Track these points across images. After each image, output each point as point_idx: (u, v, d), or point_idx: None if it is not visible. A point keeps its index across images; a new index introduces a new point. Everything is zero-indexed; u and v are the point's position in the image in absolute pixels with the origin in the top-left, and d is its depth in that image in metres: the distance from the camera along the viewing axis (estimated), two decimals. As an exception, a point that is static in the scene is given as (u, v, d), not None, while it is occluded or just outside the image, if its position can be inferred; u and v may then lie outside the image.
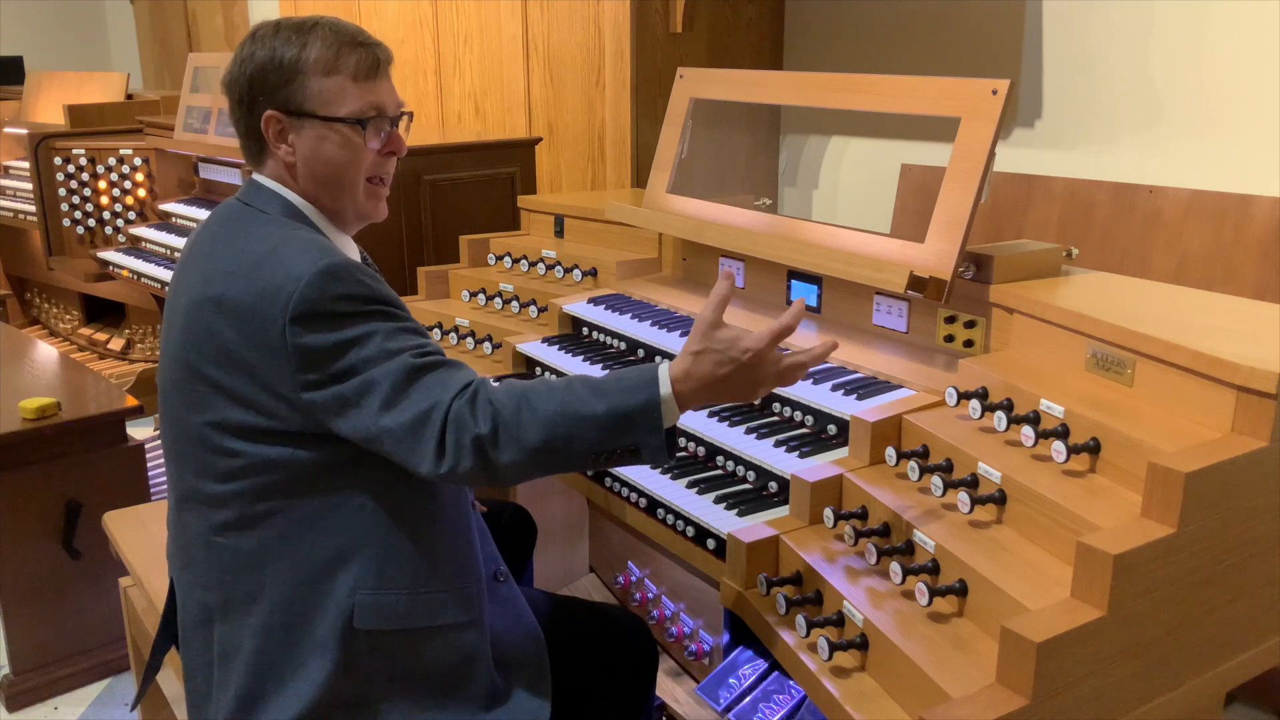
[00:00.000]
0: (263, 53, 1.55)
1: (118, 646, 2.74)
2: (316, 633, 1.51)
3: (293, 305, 1.40)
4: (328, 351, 1.41)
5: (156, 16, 6.96)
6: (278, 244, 1.47)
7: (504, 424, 1.39)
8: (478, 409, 1.40)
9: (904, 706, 1.36)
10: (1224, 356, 1.41)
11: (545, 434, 1.40)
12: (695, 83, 2.55)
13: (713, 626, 2.31)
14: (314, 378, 1.41)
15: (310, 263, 1.42)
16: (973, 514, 1.54)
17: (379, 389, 1.40)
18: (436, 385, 1.41)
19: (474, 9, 4.03)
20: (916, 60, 3.49)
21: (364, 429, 1.42)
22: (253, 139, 1.59)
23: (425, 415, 1.39)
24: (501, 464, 1.40)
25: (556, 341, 2.47)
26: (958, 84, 1.95)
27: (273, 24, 1.59)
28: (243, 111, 1.58)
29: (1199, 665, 1.41)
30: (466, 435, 1.39)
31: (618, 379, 1.44)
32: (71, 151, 4.39)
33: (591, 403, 1.41)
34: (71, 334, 4.99)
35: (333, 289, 1.41)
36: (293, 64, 1.54)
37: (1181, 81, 2.92)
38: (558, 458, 1.43)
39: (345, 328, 1.41)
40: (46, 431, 2.59)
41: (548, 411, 1.40)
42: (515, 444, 1.40)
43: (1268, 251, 2.49)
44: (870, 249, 2.03)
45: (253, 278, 1.44)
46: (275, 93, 1.55)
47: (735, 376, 1.42)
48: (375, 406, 1.40)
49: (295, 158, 1.57)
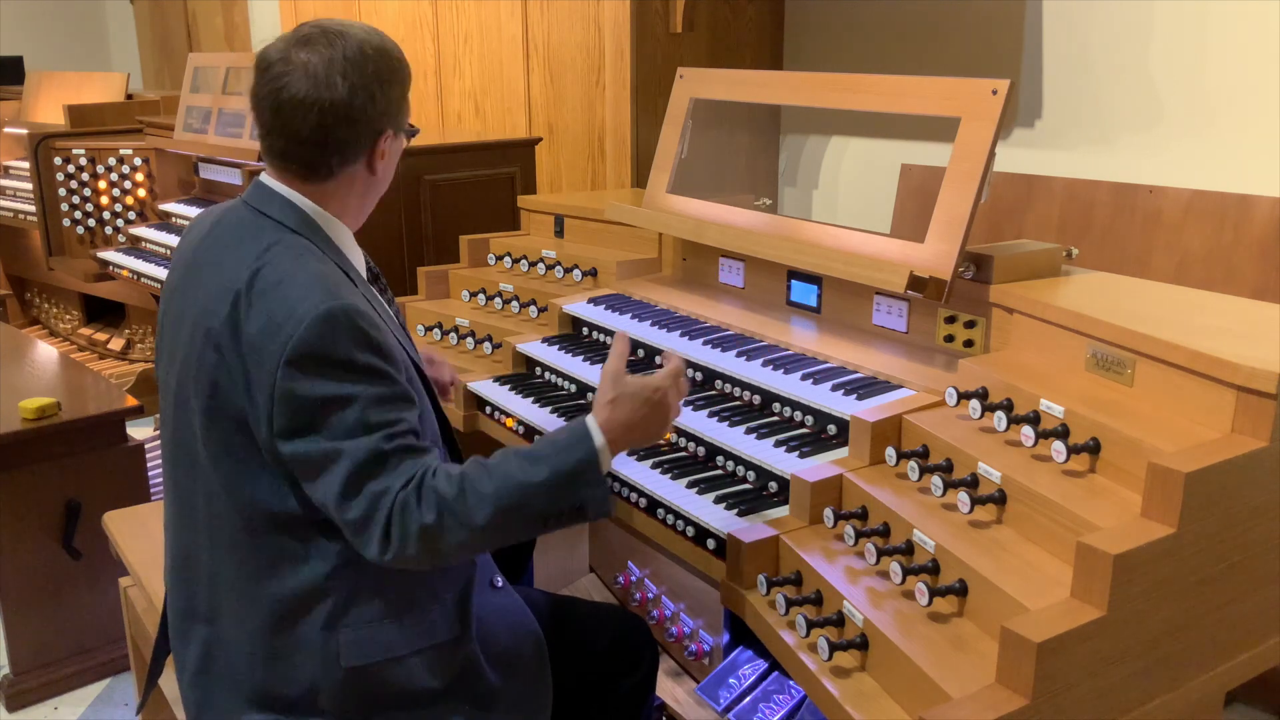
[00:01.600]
0: (378, 68, 1.51)
1: (118, 646, 2.74)
2: (301, 673, 1.52)
3: (290, 348, 1.39)
4: (310, 404, 1.40)
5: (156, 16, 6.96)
6: (287, 274, 1.45)
7: (448, 510, 1.41)
8: (423, 498, 1.41)
9: (904, 706, 1.36)
10: (1224, 356, 1.41)
11: (491, 511, 1.43)
12: (695, 83, 2.55)
13: (713, 626, 2.31)
14: (289, 425, 1.41)
15: (313, 305, 1.41)
16: (973, 514, 1.54)
17: (341, 468, 1.40)
18: (392, 475, 1.41)
19: (474, 9, 4.03)
20: (916, 60, 3.49)
21: (319, 499, 1.43)
22: (340, 154, 1.53)
23: (374, 505, 1.40)
24: (450, 547, 1.43)
25: (556, 341, 2.47)
26: (958, 84, 1.95)
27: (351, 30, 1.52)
28: (346, 129, 1.51)
29: (1199, 665, 1.41)
30: (412, 524, 1.40)
31: (550, 442, 1.50)
32: (71, 151, 4.39)
33: (531, 471, 1.45)
34: (71, 334, 4.99)
35: (331, 337, 1.40)
36: (407, 79, 1.57)
37: (1181, 81, 2.91)
38: (506, 531, 1.47)
39: (333, 382, 1.40)
40: (46, 431, 2.59)
41: (489, 490, 1.43)
42: (462, 527, 1.42)
43: (1268, 251, 2.49)
44: (870, 249, 2.03)
45: (259, 308, 1.43)
46: (396, 109, 1.56)
47: (651, 415, 1.53)
48: (334, 486, 1.41)
49: (382, 173, 1.60)
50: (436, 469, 1.43)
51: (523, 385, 2.38)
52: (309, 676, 1.51)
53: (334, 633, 1.50)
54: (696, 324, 2.30)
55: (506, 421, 2.29)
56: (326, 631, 1.50)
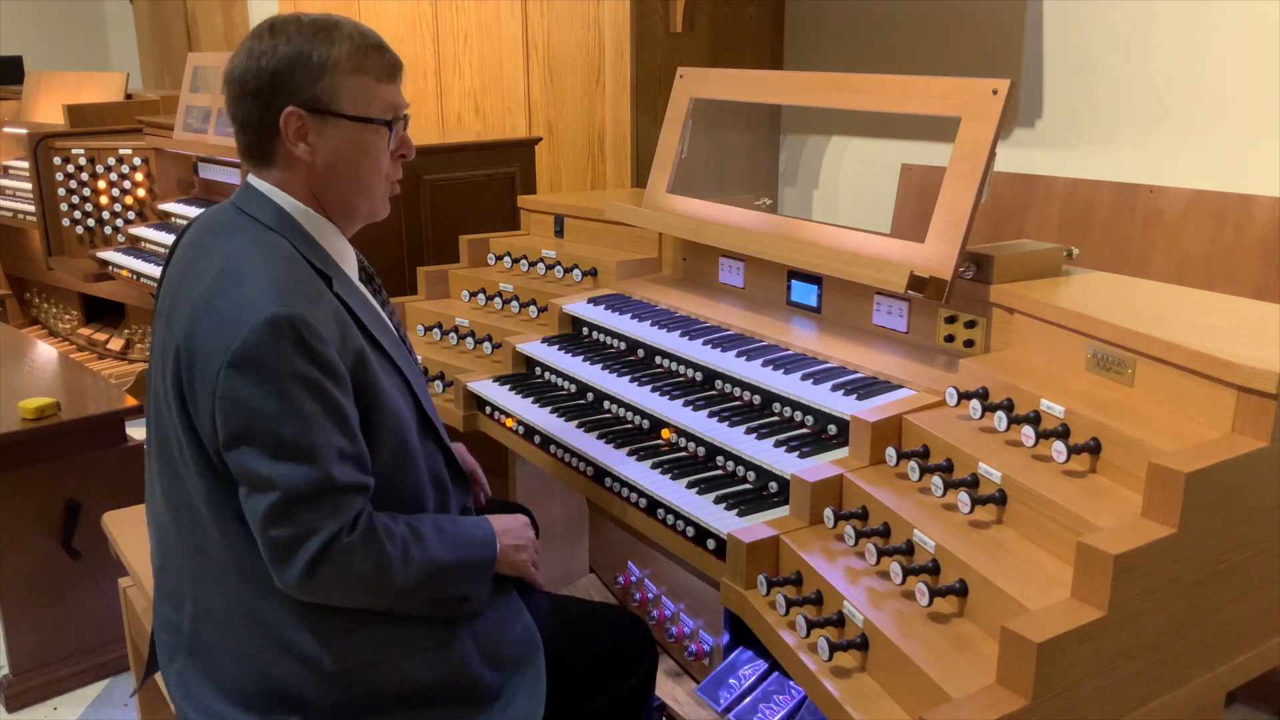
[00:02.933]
0: (287, 47, 1.51)
1: (117, 646, 2.74)
2: (288, 675, 1.52)
3: (233, 350, 1.40)
4: (247, 411, 1.40)
5: (156, 16, 6.96)
6: (244, 276, 1.46)
7: (385, 566, 1.47)
8: (366, 549, 1.45)
9: (904, 707, 1.35)
10: (1224, 356, 1.41)
11: (413, 580, 1.50)
12: (695, 83, 2.55)
13: (713, 627, 2.31)
14: (227, 431, 1.42)
15: (261, 309, 1.40)
16: (973, 514, 1.53)
17: (274, 494, 1.41)
18: (326, 513, 1.42)
19: (474, 9, 4.03)
20: (916, 60, 3.49)
21: (248, 514, 1.44)
22: (264, 136, 1.55)
23: (305, 535, 1.41)
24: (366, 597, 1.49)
25: (556, 341, 2.47)
26: (958, 84, 1.95)
27: (293, 19, 1.54)
28: (256, 106, 1.53)
29: (1200, 665, 1.41)
30: (350, 571, 1.44)
31: (464, 531, 1.60)
32: (71, 151, 4.39)
33: (446, 552, 1.55)
34: (71, 334, 4.99)
35: (274, 344, 1.40)
36: (322, 61, 1.51)
37: (1182, 81, 2.91)
38: (409, 600, 1.52)
39: (271, 393, 1.40)
40: (46, 431, 2.59)
41: (417, 559, 1.51)
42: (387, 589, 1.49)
43: (1268, 251, 2.48)
44: (870, 249, 2.02)
45: (217, 307, 1.44)
46: (301, 89, 1.51)
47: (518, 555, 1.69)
48: (262, 508, 1.41)
49: (314, 157, 1.55)
50: (371, 515, 1.47)
51: (523, 385, 2.38)
52: (296, 678, 1.51)
53: (322, 635, 1.51)
54: (696, 324, 2.30)
55: (506, 421, 2.29)
56: (313, 633, 1.50)
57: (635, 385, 2.16)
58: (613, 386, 2.18)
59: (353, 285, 1.62)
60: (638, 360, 2.31)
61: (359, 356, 1.51)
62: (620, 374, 2.23)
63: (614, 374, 2.23)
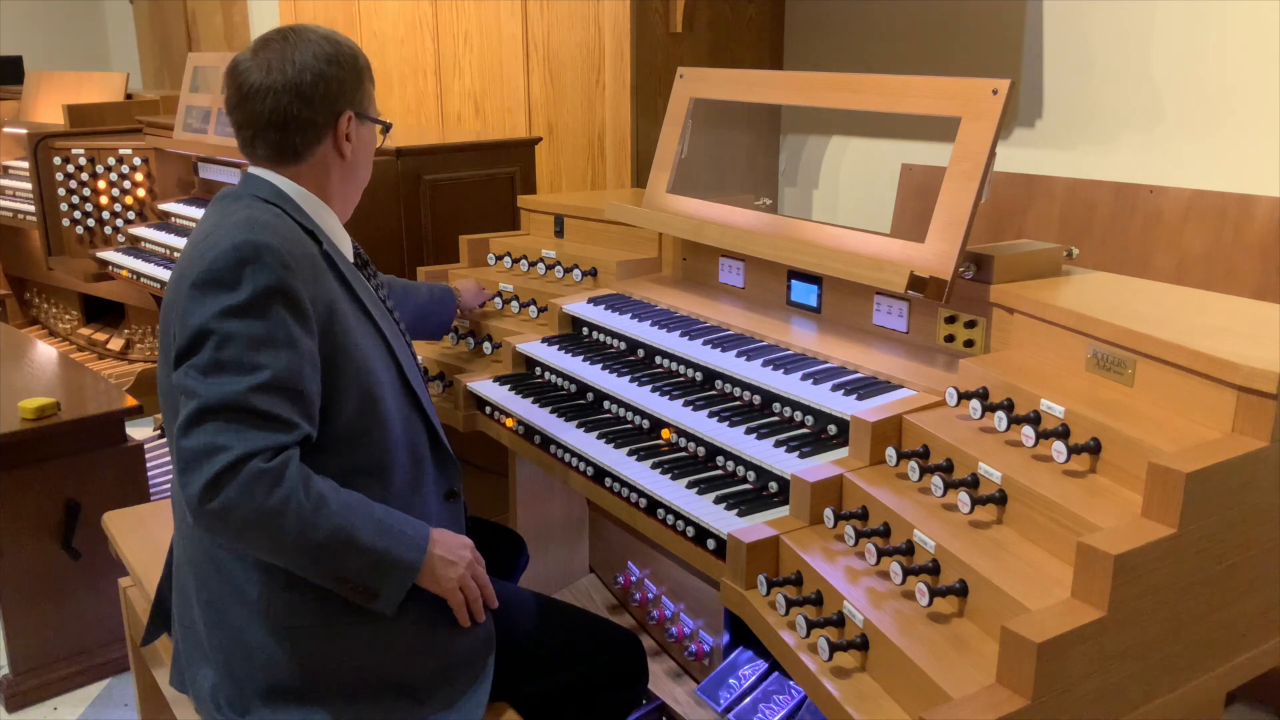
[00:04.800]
0: (341, 56, 1.62)
1: (118, 646, 2.74)
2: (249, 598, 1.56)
3: (199, 273, 1.45)
4: (196, 328, 1.44)
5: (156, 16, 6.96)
6: (216, 226, 1.53)
7: (296, 508, 1.42)
8: (280, 483, 1.41)
9: (904, 707, 1.35)
10: (1224, 356, 1.41)
11: (322, 539, 1.45)
12: (695, 83, 2.55)
13: (713, 627, 2.31)
14: (178, 350, 1.45)
15: (229, 238, 1.46)
16: (973, 514, 1.53)
17: (195, 402, 1.41)
18: (244, 434, 1.41)
19: (474, 9, 4.03)
20: (916, 60, 3.49)
21: (178, 416, 1.43)
22: (311, 136, 1.63)
23: (213, 449, 1.39)
24: (266, 538, 1.44)
25: (556, 341, 2.47)
26: (958, 84, 1.95)
27: (308, 28, 1.64)
28: (305, 108, 1.60)
29: (1200, 665, 1.41)
30: (255, 498, 1.40)
31: (400, 525, 1.54)
32: (71, 151, 4.39)
33: (370, 535, 1.49)
34: (71, 334, 4.99)
35: (235, 264, 1.44)
36: (364, 66, 1.67)
37: (1182, 81, 2.91)
38: (312, 560, 1.48)
39: (223, 312, 1.43)
40: (46, 431, 2.59)
41: (334, 521, 1.46)
42: (293, 533, 1.43)
43: (1268, 251, 2.48)
44: (870, 249, 2.02)
45: (185, 260, 1.51)
46: (353, 94, 1.65)
47: (450, 566, 1.60)
48: (182, 416, 1.42)
49: (352, 157, 1.67)
50: (295, 458, 1.44)
51: (522, 385, 2.38)
52: (253, 637, 1.55)
53: (267, 585, 1.54)
54: (696, 324, 2.30)
55: (506, 421, 2.29)
56: (261, 583, 1.55)
57: (635, 385, 2.16)
58: (613, 386, 2.18)
59: (342, 255, 1.68)
60: (638, 360, 2.31)
61: (330, 306, 1.55)
62: (620, 374, 2.23)
63: (614, 374, 2.23)
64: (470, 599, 1.63)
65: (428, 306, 2.45)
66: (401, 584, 1.54)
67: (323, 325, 1.52)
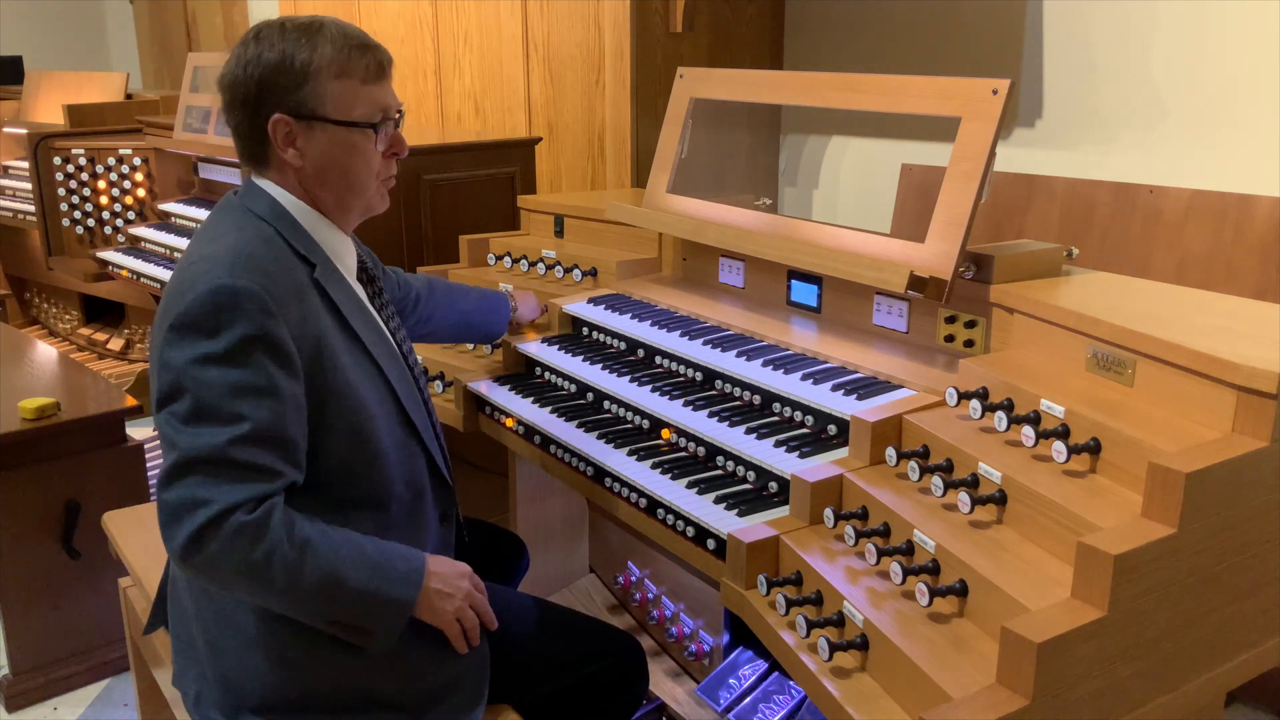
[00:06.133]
0: (271, 54, 1.52)
1: (118, 647, 2.74)
2: (246, 630, 1.55)
3: (176, 315, 1.42)
4: (173, 370, 1.40)
5: (156, 16, 6.96)
6: (219, 251, 1.48)
7: (280, 561, 1.40)
8: (264, 535, 1.39)
9: (904, 707, 1.35)
10: (1224, 356, 1.41)
11: (314, 588, 1.43)
12: (695, 82, 2.55)
13: (713, 627, 2.31)
14: (157, 395, 1.42)
15: (210, 278, 1.42)
16: (973, 514, 1.53)
17: (172, 452, 1.39)
18: (227, 486, 1.38)
19: (474, 9, 4.03)
20: (916, 60, 3.49)
21: (160, 469, 1.42)
22: (255, 141, 1.56)
23: (194, 504, 1.37)
24: (262, 587, 1.41)
25: (556, 341, 2.47)
26: (958, 84, 1.95)
27: (277, 24, 1.55)
28: (246, 113, 1.54)
29: (1200, 665, 1.41)
30: (238, 553, 1.37)
31: (387, 561, 1.50)
32: (71, 151, 4.39)
33: (358, 576, 1.45)
34: (71, 334, 4.99)
35: (213, 310, 1.40)
36: (304, 66, 1.52)
37: (1182, 81, 2.91)
38: (303, 610, 1.47)
39: (200, 360, 1.40)
40: (46, 431, 2.59)
41: (324, 569, 1.43)
42: (285, 583, 1.41)
43: (1268, 251, 2.48)
44: (870, 249, 2.02)
45: (179, 279, 1.47)
46: (286, 95, 1.52)
47: (447, 599, 1.56)
48: (161, 471, 1.40)
49: (304, 161, 1.56)
50: (278, 506, 1.41)
51: (523, 385, 2.38)
52: (242, 661, 1.55)
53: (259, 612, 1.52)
54: (696, 324, 2.30)
55: (506, 421, 2.29)
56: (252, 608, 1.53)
57: (635, 385, 2.16)
58: (613, 386, 2.18)
59: (339, 276, 1.61)
60: (638, 360, 2.31)
61: (318, 342, 1.50)
62: (620, 374, 2.23)
63: (614, 374, 2.23)
64: (468, 628, 1.60)
65: (475, 315, 2.34)
66: (396, 622, 1.51)
67: (309, 364, 1.48)
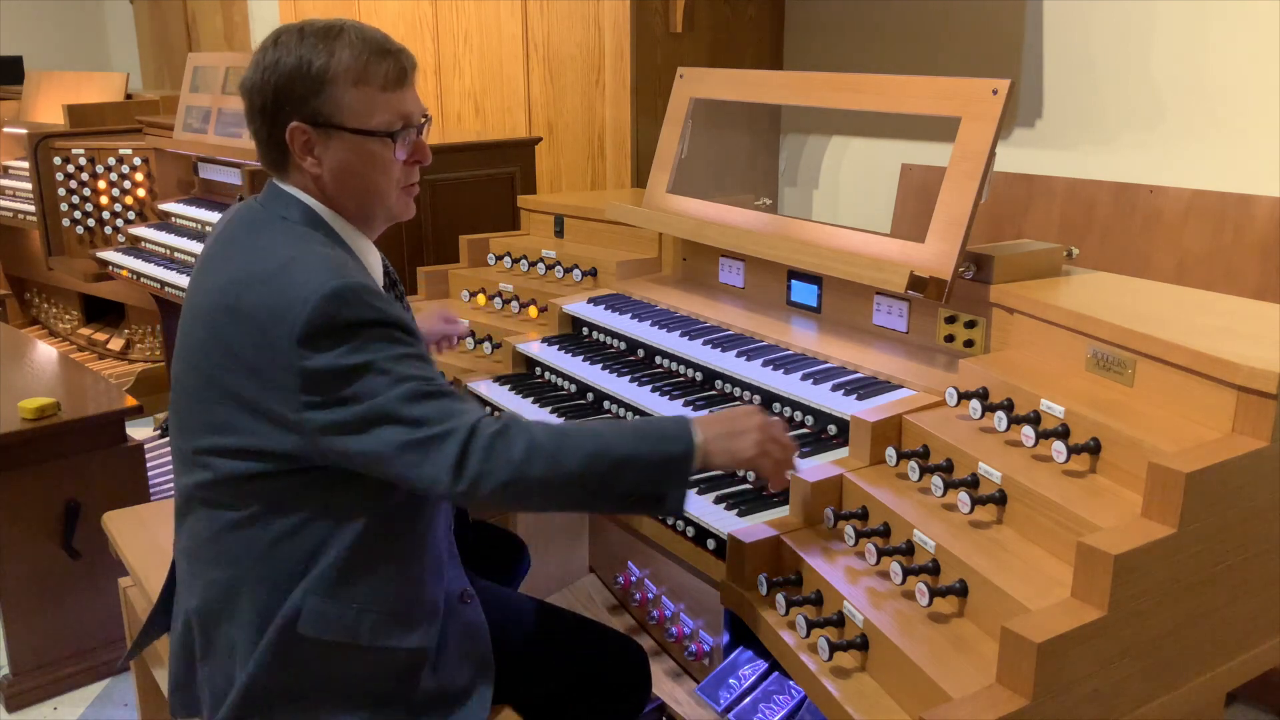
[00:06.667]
0: (288, 60, 1.49)
1: (118, 647, 2.74)
2: (239, 658, 1.52)
3: (299, 327, 1.38)
4: (334, 375, 1.39)
5: (156, 16, 6.96)
6: (292, 259, 1.45)
7: (539, 454, 1.40)
8: (511, 433, 1.40)
9: (904, 707, 1.35)
10: (1224, 356, 1.41)
11: (581, 468, 1.42)
12: (695, 83, 2.55)
13: (713, 627, 2.31)
14: (318, 399, 1.40)
15: (319, 285, 1.40)
16: (973, 514, 1.53)
17: (389, 412, 1.39)
18: (449, 409, 1.40)
19: (474, 9, 4.03)
20: (916, 60, 3.49)
21: (371, 450, 1.40)
22: (275, 148, 1.54)
23: (443, 435, 1.38)
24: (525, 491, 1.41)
25: (556, 341, 2.47)
26: (958, 84, 1.95)
27: (296, 29, 1.53)
28: (264, 121, 1.52)
29: (1200, 665, 1.41)
30: (496, 459, 1.38)
31: (651, 427, 1.50)
32: (71, 151, 4.39)
33: (632, 445, 1.45)
34: (71, 334, 4.99)
35: (340, 312, 1.39)
36: (321, 73, 1.49)
37: (1182, 81, 2.91)
38: (587, 494, 1.46)
39: (351, 353, 1.39)
40: (46, 431, 2.58)
41: (588, 449, 1.43)
42: (546, 474, 1.40)
43: (1268, 251, 2.49)
44: (870, 249, 2.02)
45: (265, 290, 1.42)
46: (303, 103, 1.50)
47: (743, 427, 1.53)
48: (387, 428, 1.39)
49: (321, 169, 1.54)
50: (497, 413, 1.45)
51: (523, 385, 2.38)
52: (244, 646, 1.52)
53: (301, 600, 1.49)
54: (696, 324, 2.30)
55: (506, 421, 2.29)
56: (294, 595, 1.50)
57: (635, 385, 2.16)
58: (613, 386, 2.18)
59: (379, 285, 1.63)
60: (638, 360, 2.31)
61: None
62: (620, 374, 2.23)
63: (614, 374, 2.23)
64: (780, 460, 1.56)
65: None
66: (681, 478, 1.48)
67: None
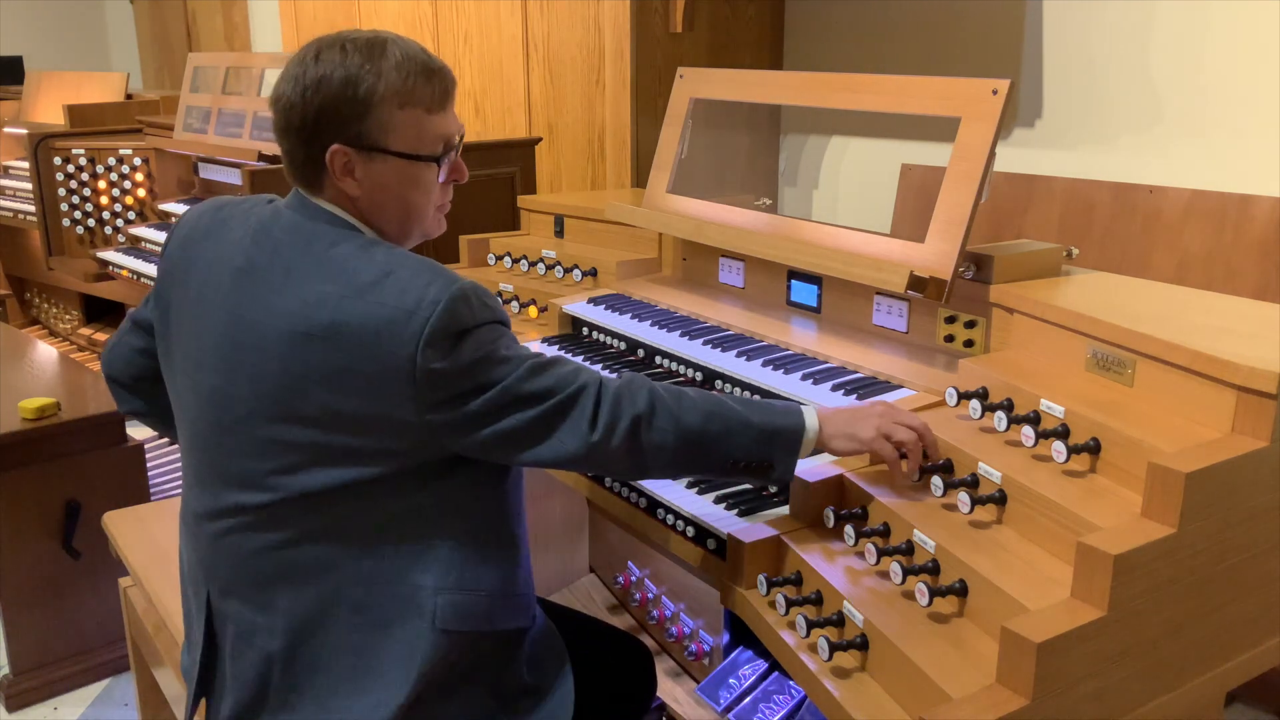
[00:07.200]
0: (332, 80, 1.43)
1: (118, 646, 2.74)
2: (396, 637, 1.48)
3: (428, 330, 1.35)
4: (462, 372, 1.39)
5: (156, 16, 6.96)
6: (392, 266, 1.41)
7: (662, 406, 1.48)
8: (635, 389, 1.48)
9: (904, 706, 1.35)
10: (1224, 356, 1.41)
11: (700, 425, 1.49)
12: (695, 83, 2.55)
13: (713, 626, 2.31)
14: (444, 397, 1.38)
15: (441, 287, 1.38)
16: (973, 514, 1.53)
17: (518, 393, 1.42)
18: (569, 374, 1.46)
19: (474, 9, 4.03)
20: (916, 60, 3.49)
21: (507, 431, 1.42)
22: (310, 166, 1.48)
23: (573, 396, 1.44)
24: (652, 444, 1.47)
25: (556, 341, 2.47)
26: (958, 84, 1.95)
27: (338, 44, 1.47)
28: (300, 140, 1.46)
29: (1199, 665, 1.41)
30: (624, 411, 1.46)
31: (766, 402, 1.59)
32: (71, 151, 4.39)
33: (746, 413, 1.53)
34: (71, 334, 4.99)
35: (467, 313, 1.39)
36: (368, 95, 1.44)
37: (1181, 81, 2.92)
38: (702, 453, 1.51)
39: (475, 348, 1.40)
40: (46, 431, 2.59)
41: (705, 408, 1.50)
42: (670, 427, 1.48)
43: (1268, 251, 2.49)
44: (870, 249, 2.03)
45: (371, 301, 1.37)
46: (346, 126, 1.44)
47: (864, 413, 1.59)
48: (519, 410, 1.42)
49: (360, 191, 1.49)
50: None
51: (523, 385, 2.38)
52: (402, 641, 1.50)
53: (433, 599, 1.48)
54: (696, 324, 2.30)
55: (506, 421, 2.29)
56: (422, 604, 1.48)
57: (635, 385, 2.16)
58: (613, 386, 2.18)
59: None
60: (638, 360, 2.31)
61: None
62: (621, 374, 2.22)
63: (614, 374, 2.23)
64: (909, 448, 1.58)
65: None
66: (790, 449, 1.54)
67: None
